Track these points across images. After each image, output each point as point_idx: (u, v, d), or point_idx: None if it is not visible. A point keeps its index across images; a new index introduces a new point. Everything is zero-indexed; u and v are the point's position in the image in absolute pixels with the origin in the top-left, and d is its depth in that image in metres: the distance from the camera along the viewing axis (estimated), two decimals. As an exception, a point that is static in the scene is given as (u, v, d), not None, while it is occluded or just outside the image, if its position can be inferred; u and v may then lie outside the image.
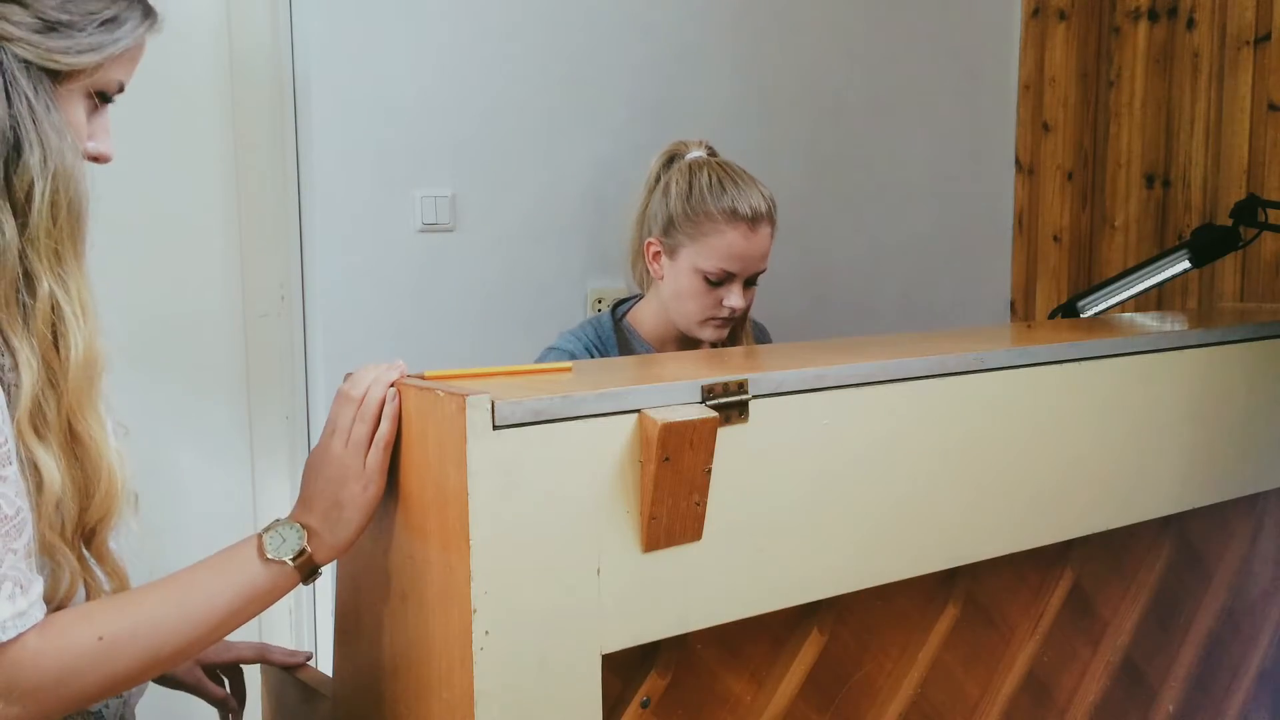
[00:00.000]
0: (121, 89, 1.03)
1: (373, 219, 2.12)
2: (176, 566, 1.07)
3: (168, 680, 1.32)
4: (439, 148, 2.17)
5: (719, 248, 1.74)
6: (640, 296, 1.91)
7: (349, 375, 1.10)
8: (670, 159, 1.84)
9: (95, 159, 1.05)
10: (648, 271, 1.85)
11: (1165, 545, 1.66)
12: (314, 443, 2.13)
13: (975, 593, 1.45)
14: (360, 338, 2.12)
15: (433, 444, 1.03)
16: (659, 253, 1.80)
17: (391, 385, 1.07)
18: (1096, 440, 1.48)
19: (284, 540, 1.04)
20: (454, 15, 2.16)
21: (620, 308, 1.90)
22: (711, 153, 1.85)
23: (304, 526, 1.05)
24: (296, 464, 2.17)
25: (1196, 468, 1.61)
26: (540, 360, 1.80)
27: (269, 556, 1.03)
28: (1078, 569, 1.55)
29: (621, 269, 1.95)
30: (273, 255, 2.12)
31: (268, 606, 1.06)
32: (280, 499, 2.17)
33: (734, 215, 1.74)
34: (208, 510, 2.08)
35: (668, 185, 1.80)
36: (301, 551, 1.04)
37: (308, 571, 1.05)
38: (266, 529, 1.05)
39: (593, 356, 1.79)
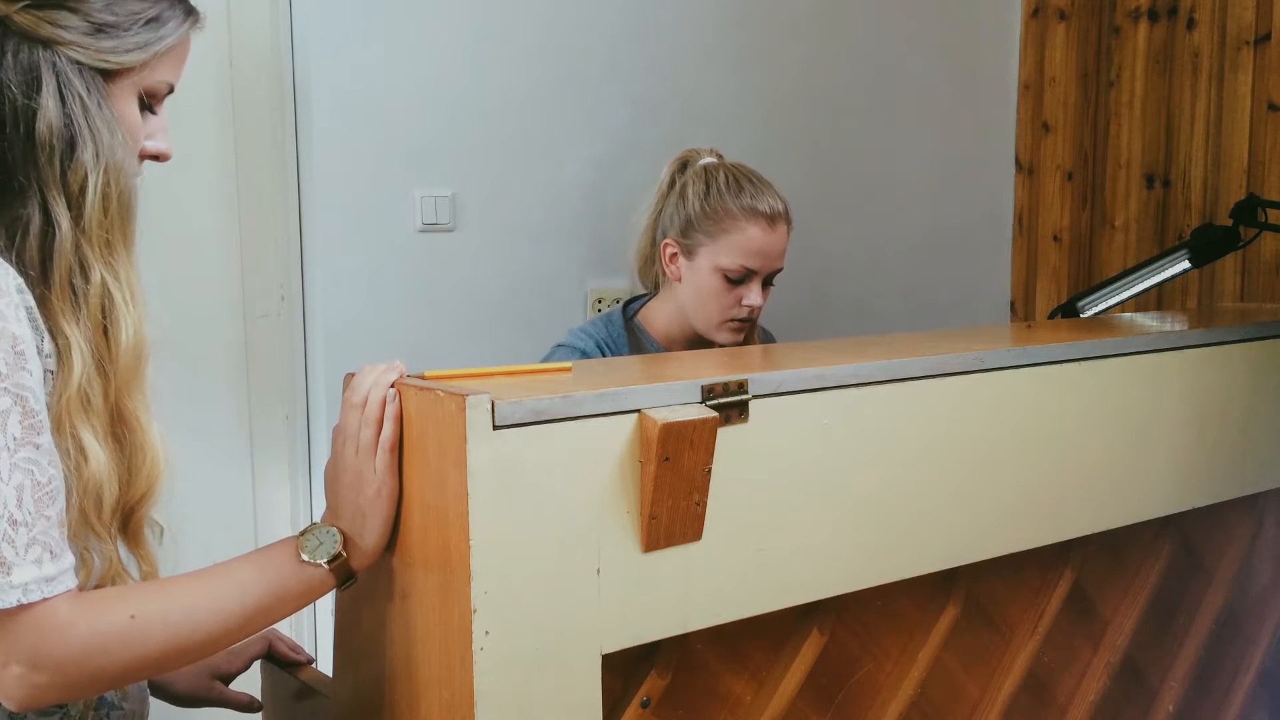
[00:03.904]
0: (171, 90, 1.07)
1: (373, 219, 2.12)
2: (176, 566, 1.08)
3: (194, 700, 1.33)
4: (439, 148, 2.17)
5: (740, 244, 1.75)
6: (651, 295, 1.91)
7: (349, 378, 1.10)
8: (683, 165, 1.85)
9: (155, 157, 1.08)
10: (662, 274, 1.85)
11: (1165, 545, 1.66)
12: (314, 443, 2.17)
13: (975, 593, 1.45)
14: (360, 338, 2.12)
15: (433, 444, 1.03)
16: (676, 254, 1.81)
17: (391, 386, 1.07)
18: (1096, 440, 1.48)
19: (320, 544, 1.05)
20: (454, 15, 2.16)
21: (631, 306, 1.91)
22: (721, 159, 1.86)
23: (340, 532, 1.06)
24: (297, 464, 2.17)
25: (1196, 468, 1.61)
26: (549, 356, 1.81)
27: (304, 559, 1.04)
28: (1078, 569, 1.55)
29: (626, 272, 1.94)
30: (273, 255, 2.12)
31: (299, 608, 1.07)
32: (280, 499, 2.17)
33: (754, 212, 1.75)
34: (207, 510, 2.08)
35: (684, 189, 1.81)
36: (337, 556, 1.05)
37: (343, 577, 1.06)
38: (304, 531, 1.06)
39: (604, 353, 1.80)
